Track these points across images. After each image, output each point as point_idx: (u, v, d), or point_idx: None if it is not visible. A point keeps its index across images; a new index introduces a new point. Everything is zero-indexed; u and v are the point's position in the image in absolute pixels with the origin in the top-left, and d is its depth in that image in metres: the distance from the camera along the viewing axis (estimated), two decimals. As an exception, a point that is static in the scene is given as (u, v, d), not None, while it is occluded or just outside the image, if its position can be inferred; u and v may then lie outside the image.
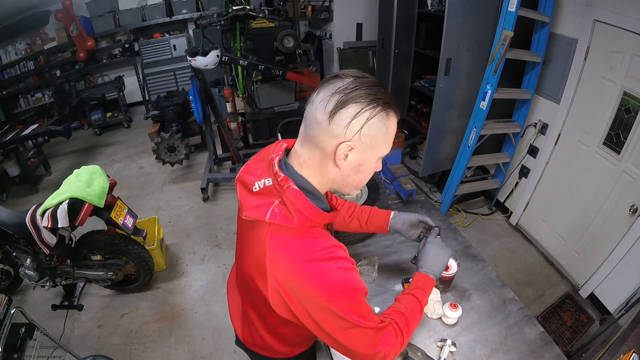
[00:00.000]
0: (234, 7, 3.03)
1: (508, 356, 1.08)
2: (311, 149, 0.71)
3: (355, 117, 0.65)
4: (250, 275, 0.77)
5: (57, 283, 2.15)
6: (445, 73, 2.47)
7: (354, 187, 0.76)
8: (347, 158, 0.69)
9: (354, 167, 0.71)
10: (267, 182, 0.72)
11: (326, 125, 0.66)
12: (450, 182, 2.82)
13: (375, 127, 0.67)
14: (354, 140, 0.67)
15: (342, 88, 0.65)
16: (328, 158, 0.70)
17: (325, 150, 0.69)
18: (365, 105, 0.65)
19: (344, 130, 0.66)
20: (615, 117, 2.04)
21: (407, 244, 1.52)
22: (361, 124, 0.66)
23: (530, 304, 2.27)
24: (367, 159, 0.71)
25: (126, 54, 4.90)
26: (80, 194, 1.76)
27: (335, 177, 0.73)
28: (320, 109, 0.67)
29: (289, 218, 0.69)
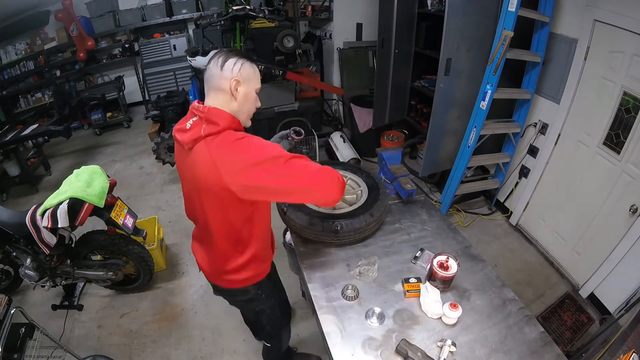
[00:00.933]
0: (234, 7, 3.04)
1: (508, 356, 1.08)
2: (216, 94, 1.08)
3: (235, 64, 1.06)
4: (205, 181, 1.04)
5: (57, 283, 2.15)
6: (445, 73, 2.47)
7: (246, 113, 1.13)
8: (237, 90, 1.06)
9: (243, 96, 1.08)
10: (194, 119, 1.07)
11: (220, 74, 1.05)
12: (450, 182, 2.82)
13: (247, 67, 1.08)
14: (238, 77, 1.05)
15: (222, 53, 1.07)
16: (228, 94, 1.07)
17: (225, 88, 1.06)
18: (238, 57, 1.07)
19: (231, 72, 1.05)
20: (615, 117, 2.04)
21: (407, 244, 1.52)
22: (239, 67, 1.06)
23: (530, 304, 2.27)
24: (249, 91, 1.10)
25: (126, 54, 4.90)
26: (80, 194, 1.76)
27: (234, 107, 1.08)
28: (214, 66, 1.06)
29: (215, 126, 1.02)
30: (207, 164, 1.00)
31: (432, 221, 1.64)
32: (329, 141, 3.87)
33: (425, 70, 3.44)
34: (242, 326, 2.13)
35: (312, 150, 3.57)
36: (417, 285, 1.27)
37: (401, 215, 1.68)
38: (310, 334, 2.12)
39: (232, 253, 1.21)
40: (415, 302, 1.25)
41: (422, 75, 3.49)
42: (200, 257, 1.34)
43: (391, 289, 1.31)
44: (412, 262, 1.42)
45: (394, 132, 3.86)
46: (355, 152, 3.60)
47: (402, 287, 1.30)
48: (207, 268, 1.32)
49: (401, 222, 1.64)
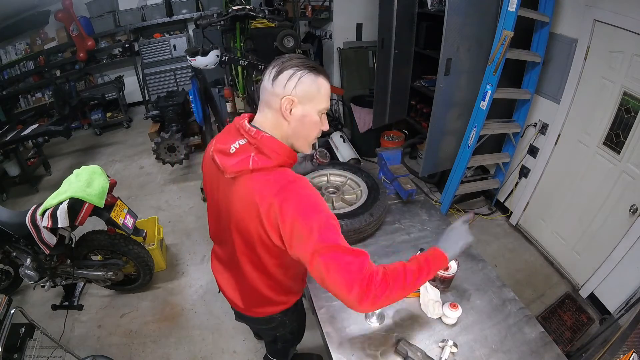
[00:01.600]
0: (234, 7, 3.03)
1: (508, 356, 1.08)
2: (266, 112, 0.92)
3: (290, 78, 0.86)
4: (242, 218, 0.91)
5: (57, 283, 2.15)
6: (445, 73, 2.47)
7: (305, 139, 0.94)
8: (291, 112, 0.89)
9: (299, 119, 0.90)
10: (242, 142, 0.90)
11: (271, 89, 0.88)
12: (450, 182, 2.82)
13: (306, 83, 0.87)
14: (293, 95, 0.87)
15: (279, 62, 0.89)
16: (279, 114, 0.89)
17: (275, 107, 0.89)
18: (296, 69, 0.87)
19: (283, 89, 0.87)
20: (615, 117, 2.04)
21: (407, 243, 1.52)
22: (295, 82, 0.86)
23: (530, 304, 2.27)
24: (308, 112, 0.90)
25: (126, 54, 4.89)
26: (80, 194, 1.76)
27: (288, 130, 0.92)
28: (267, 79, 0.89)
29: (267, 160, 0.87)
30: (251, 203, 0.86)
31: (432, 221, 1.64)
32: (329, 141, 3.87)
33: (425, 70, 3.44)
34: (242, 326, 2.13)
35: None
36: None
37: (401, 215, 1.68)
38: (310, 334, 2.11)
39: (263, 289, 1.08)
40: (415, 302, 1.25)
41: (422, 75, 3.49)
42: (224, 282, 1.20)
43: (391, 289, 1.31)
44: (412, 262, 1.42)
45: (394, 132, 3.86)
46: (355, 152, 3.60)
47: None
48: (232, 296, 1.19)
49: (401, 222, 1.64)
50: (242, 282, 1.10)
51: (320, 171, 1.74)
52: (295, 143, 0.94)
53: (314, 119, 0.91)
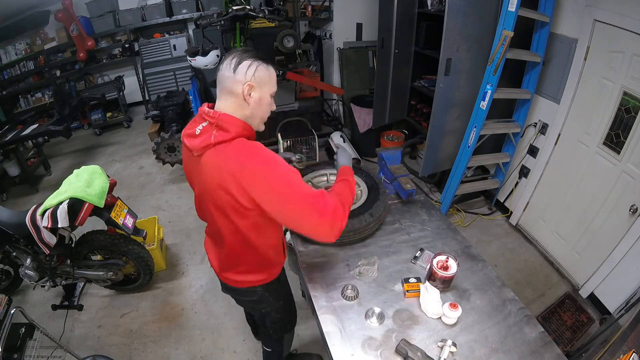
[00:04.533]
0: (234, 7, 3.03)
1: (508, 356, 1.08)
2: (227, 97, 1.04)
3: (249, 67, 1.01)
4: (213, 187, 1.02)
5: (57, 283, 2.15)
6: (445, 73, 2.47)
7: (260, 119, 1.10)
8: (251, 95, 1.03)
9: (257, 101, 1.05)
10: (204, 124, 1.03)
11: (232, 76, 1.01)
12: (450, 182, 2.82)
13: (261, 71, 1.03)
14: (252, 81, 1.01)
15: (236, 54, 1.03)
16: (240, 98, 1.03)
17: (237, 92, 1.02)
18: (252, 59, 1.02)
19: (244, 76, 1.01)
20: (615, 117, 2.04)
21: (407, 244, 1.52)
22: (253, 71, 1.01)
23: (530, 304, 2.27)
24: (263, 96, 1.06)
25: (126, 54, 4.89)
26: (80, 194, 1.76)
27: (247, 112, 1.05)
28: (227, 69, 1.02)
29: (226, 133, 1.00)
30: (216, 172, 0.99)
31: (432, 221, 1.64)
32: (329, 141, 3.87)
33: (425, 70, 3.44)
34: (242, 326, 2.13)
35: (312, 150, 3.57)
36: (416, 285, 1.27)
37: (401, 215, 1.68)
38: (310, 334, 2.12)
39: (242, 256, 1.20)
40: (415, 302, 1.25)
41: (422, 75, 3.49)
42: (211, 254, 1.34)
43: (391, 289, 1.31)
44: (412, 262, 1.42)
45: (394, 132, 3.86)
46: (355, 152, 3.60)
47: (402, 287, 1.30)
48: (216, 266, 1.32)
49: (401, 222, 1.64)
50: (222, 250, 1.23)
51: (320, 171, 1.75)
52: (252, 123, 1.08)
53: (267, 100, 1.08)
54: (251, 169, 0.97)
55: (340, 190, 1.13)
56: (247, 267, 1.23)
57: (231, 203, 1.02)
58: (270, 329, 1.53)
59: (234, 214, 1.05)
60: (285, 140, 3.46)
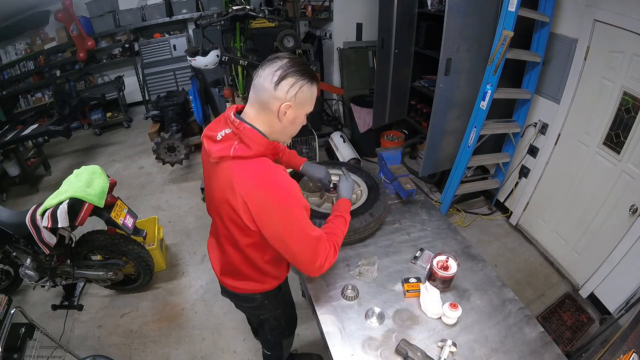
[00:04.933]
0: (234, 7, 3.03)
1: (508, 356, 1.08)
2: (259, 109, 0.98)
3: (292, 86, 0.93)
4: (221, 199, 1.00)
5: (57, 283, 2.15)
6: (445, 73, 2.47)
7: (290, 135, 1.06)
8: (285, 114, 0.96)
9: (290, 121, 0.99)
10: (227, 131, 0.97)
11: (272, 92, 0.93)
12: (450, 182, 2.82)
13: (305, 92, 0.96)
14: (291, 102, 0.95)
15: (282, 65, 0.93)
16: (274, 115, 0.97)
17: (272, 109, 0.95)
18: (299, 77, 0.93)
19: (285, 95, 0.93)
20: (615, 117, 2.04)
21: (407, 244, 1.52)
22: (296, 90, 0.94)
23: (530, 304, 2.27)
24: (299, 115, 1.00)
25: (126, 54, 4.89)
26: (80, 194, 1.76)
27: (277, 128, 1.00)
28: (268, 80, 0.93)
29: (247, 149, 0.95)
30: (227, 186, 0.96)
31: (432, 221, 1.64)
32: (329, 141, 3.87)
33: (425, 70, 3.44)
34: (242, 326, 2.13)
35: (312, 150, 3.57)
36: (417, 285, 1.27)
37: (401, 215, 1.68)
38: (310, 334, 2.12)
39: (241, 267, 1.18)
40: (415, 302, 1.25)
41: (422, 75, 3.48)
42: (213, 255, 1.32)
43: (391, 289, 1.31)
44: (412, 262, 1.42)
45: (394, 132, 3.86)
46: (355, 152, 3.60)
47: (402, 287, 1.30)
48: (217, 269, 1.30)
49: (401, 222, 1.64)
50: (223, 256, 1.22)
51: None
52: (280, 137, 1.04)
53: (302, 120, 1.03)
54: (261, 198, 0.94)
55: (335, 230, 1.14)
56: (246, 276, 1.21)
57: (235, 219, 1.00)
58: (268, 334, 1.51)
59: (235, 229, 1.04)
60: (285, 140, 3.45)
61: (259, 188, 0.93)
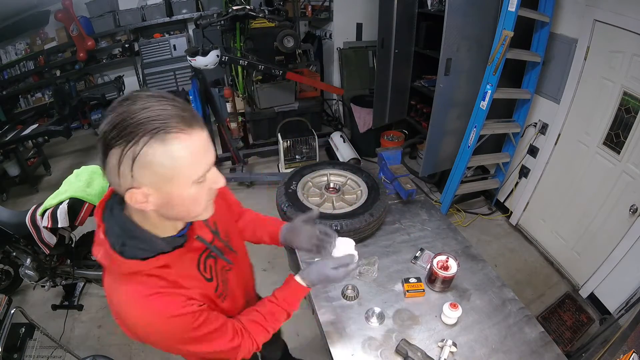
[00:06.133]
0: (234, 7, 3.03)
1: (508, 356, 1.08)
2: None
3: (121, 164, 0.56)
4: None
5: (57, 283, 2.15)
6: (445, 73, 2.47)
7: (188, 216, 0.69)
8: (148, 200, 0.60)
9: (164, 205, 0.63)
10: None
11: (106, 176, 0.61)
12: (450, 182, 2.81)
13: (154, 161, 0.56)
14: (139, 185, 0.58)
15: (102, 129, 0.56)
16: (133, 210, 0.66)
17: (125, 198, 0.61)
18: (124, 145, 0.54)
19: (120, 179, 0.58)
20: (615, 117, 2.04)
21: (407, 244, 1.52)
22: (129, 166, 0.56)
23: (530, 304, 2.27)
24: (172, 194, 0.61)
25: (126, 54, 4.89)
26: (80, 194, 1.76)
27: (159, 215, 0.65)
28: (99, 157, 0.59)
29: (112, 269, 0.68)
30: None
31: (432, 221, 1.64)
32: (329, 141, 3.87)
33: (425, 70, 3.44)
34: (242, 326, 2.13)
35: (312, 150, 3.57)
36: (417, 285, 1.27)
37: (401, 215, 1.68)
38: (310, 334, 2.12)
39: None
40: (416, 302, 1.25)
41: (422, 75, 3.48)
42: None
43: (391, 289, 1.31)
44: (412, 262, 1.42)
45: (394, 132, 3.86)
46: (355, 152, 3.60)
47: (402, 287, 1.30)
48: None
49: (401, 222, 1.64)
50: None
51: (320, 171, 1.75)
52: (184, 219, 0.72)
53: (187, 194, 0.62)
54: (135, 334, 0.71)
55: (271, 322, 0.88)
56: None
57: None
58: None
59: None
60: (285, 140, 3.46)
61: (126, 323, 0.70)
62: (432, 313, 1.22)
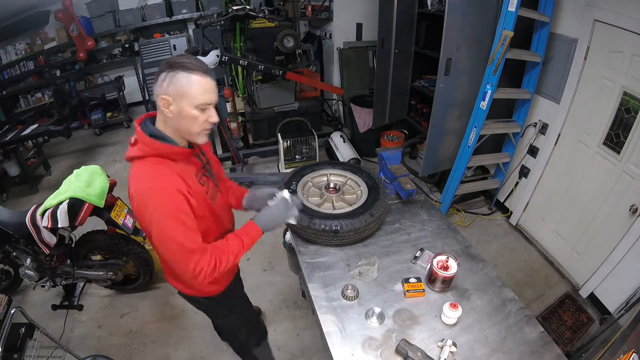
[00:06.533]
0: (234, 7, 3.03)
1: (508, 356, 1.08)
2: (158, 111, 1.02)
3: (164, 79, 0.95)
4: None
5: (57, 283, 2.15)
6: (445, 73, 2.47)
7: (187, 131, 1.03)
8: (169, 107, 0.97)
9: (177, 114, 0.98)
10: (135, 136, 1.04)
11: (156, 90, 0.98)
12: (450, 182, 2.82)
13: (180, 81, 0.94)
14: (167, 94, 0.95)
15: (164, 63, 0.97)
16: (162, 112, 1.00)
17: (159, 105, 0.98)
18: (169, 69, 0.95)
19: (159, 88, 0.96)
20: (615, 117, 2.04)
21: (407, 244, 1.52)
22: (168, 82, 0.94)
23: (530, 304, 2.27)
24: (183, 108, 0.97)
25: (126, 54, 4.89)
26: (80, 194, 1.76)
27: (172, 124, 1.01)
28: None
29: (136, 150, 1.01)
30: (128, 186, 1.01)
31: (432, 221, 1.64)
32: (329, 141, 3.87)
33: (425, 70, 3.44)
34: (242, 326, 2.13)
35: (312, 150, 3.57)
36: (417, 285, 1.27)
37: (401, 215, 1.68)
38: (310, 334, 2.12)
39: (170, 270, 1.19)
40: (416, 302, 1.25)
41: (422, 75, 3.49)
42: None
43: (391, 289, 1.31)
44: (412, 262, 1.42)
45: (394, 132, 3.86)
46: (355, 152, 3.60)
47: (402, 287, 1.30)
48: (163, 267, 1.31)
49: (401, 222, 1.64)
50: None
51: (320, 171, 1.75)
52: (185, 136, 1.04)
53: (190, 113, 0.98)
54: (139, 199, 0.98)
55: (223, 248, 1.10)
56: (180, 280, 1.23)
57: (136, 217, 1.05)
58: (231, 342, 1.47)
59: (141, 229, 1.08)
60: (285, 140, 3.46)
61: (138, 189, 0.98)
62: (432, 313, 1.21)
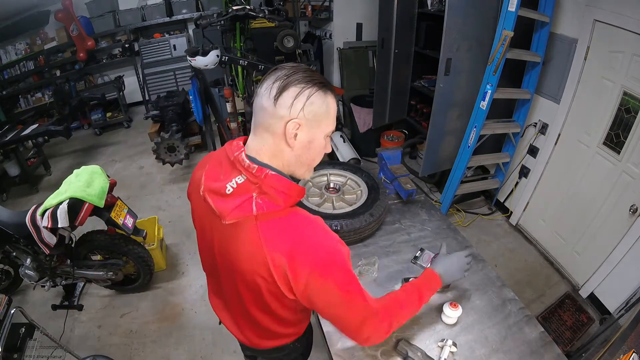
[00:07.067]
0: (234, 7, 3.03)
1: (508, 356, 1.08)
2: (263, 136, 0.76)
3: (297, 97, 0.71)
4: (249, 273, 0.79)
5: (57, 283, 2.15)
6: (445, 73, 2.47)
7: (308, 166, 0.82)
8: (296, 137, 0.74)
9: (305, 145, 0.76)
10: (239, 180, 0.75)
11: (272, 110, 0.72)
12: (450, 182, 2.82)
13: (316, 104, 0.73)
14: (300, 118, 0.73)
15: (282, 75, 0.73)
16: (280, 140, 0.75)
17: (276, 132, 0.74)
18: (304, 85, 0.72)
19: (289, 110, 0.72)
20: (615, 117, 2.04)
21: (407, 243, 1.52)
22: (303, 103, 0.72)
23: (530, 304, 2.27)
24: (315, 137, 0.77)
25: (126, 54, 4.89)
26: (80, 194, 1.76)
27: (290, 158, 0.78)
28: (265, 96, 0.73)
29: (274, 202, 0.74)
30: (257, 256, 0.75)
31: (432, 221, 1.64)
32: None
33: (425, 70, 3.44)
34: (242, 326, 2.13)
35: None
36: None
37: (401, 215, 1.68)
38: (310, 334, 2.12)
39: (273, 327, 0.97)
40: (415, 302, 1.25)
41: (422, 75, 3.49)
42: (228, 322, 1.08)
43: (391, 288, 1.31)
44: (412, 262, 1.42)
45: (394, 132, 3.86)
46: (355, 152, 3.60)
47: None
48: (237, 334, 1.07)
49: (401, 222, 1.64)
50: (249, 322, 0.98)
51: (320, 171, 1.75)
52: (297, 171, 0.81)
53: (320, 143, 0.78)
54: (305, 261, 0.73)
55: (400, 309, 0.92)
56: (280, 335, 1.02)
57: (272, 290, 0.80)
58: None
59: (272, 299, 0.84)
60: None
61: (298, 254, 0.73)
62: (432, 313, 1.21)
